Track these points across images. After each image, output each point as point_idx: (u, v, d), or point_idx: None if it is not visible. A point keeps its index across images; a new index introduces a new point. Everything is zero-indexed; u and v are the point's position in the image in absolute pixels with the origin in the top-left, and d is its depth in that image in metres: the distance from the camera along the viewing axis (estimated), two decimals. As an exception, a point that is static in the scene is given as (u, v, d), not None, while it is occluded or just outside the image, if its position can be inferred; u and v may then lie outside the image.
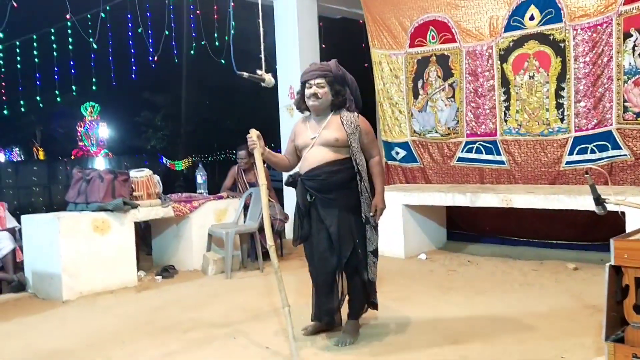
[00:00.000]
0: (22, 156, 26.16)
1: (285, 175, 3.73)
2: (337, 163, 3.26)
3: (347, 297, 3.48)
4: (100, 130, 26.30)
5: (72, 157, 23.83)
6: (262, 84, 3.25)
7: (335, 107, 3.31)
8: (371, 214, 3.30)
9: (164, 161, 23.84)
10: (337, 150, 3.27)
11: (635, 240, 2.49)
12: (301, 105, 3.40)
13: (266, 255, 5.78)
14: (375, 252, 3.36)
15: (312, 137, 3.30)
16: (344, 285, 3.45)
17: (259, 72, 3.23)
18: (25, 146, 26.01)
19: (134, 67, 8.03)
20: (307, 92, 3.28)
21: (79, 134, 25.92)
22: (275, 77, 3.53)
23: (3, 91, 9.78)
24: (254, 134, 3.20)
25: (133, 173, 5.22)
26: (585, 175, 2.60)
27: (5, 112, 9.79)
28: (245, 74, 3.20)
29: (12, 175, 18.03)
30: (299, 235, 3.40)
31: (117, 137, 27.37)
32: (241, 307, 4.25)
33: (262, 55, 3.27)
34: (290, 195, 6.33)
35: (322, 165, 3.26)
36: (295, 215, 3.45)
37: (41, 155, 24.82)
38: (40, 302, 4.69)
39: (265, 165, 3.46)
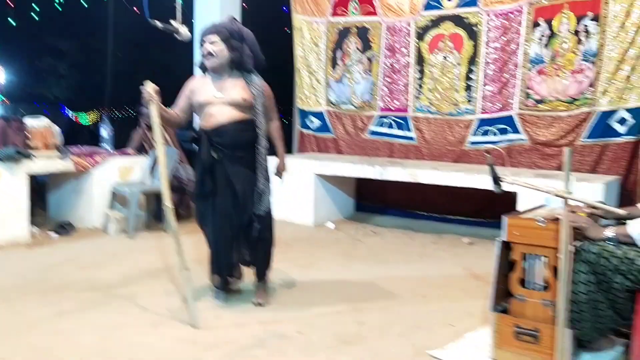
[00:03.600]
0: None
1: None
2: (244, 122, 3.27)
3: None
4: (-5, 74, 24.18)
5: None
6: (177, 37, 3.10)
7: (234, 65, 3.27)
8: (276, 175, 3.43)
9: (68, 113, 22.40)
10: (243, 111, 3.27)
11: (525, 219, 2.67)
12: (203, 65, 3.34)
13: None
14: (263, 217, 3.33)
15: (216, 95, 3.25)
16: (244, 243, 3.42)
17: (173, 23, 3.08)
18: None
19: (36, 8, 7.38)
20: (203, 50, 3.24)
21: (-30, 76, 23.67)
22: (192, 33, 3.38)
23: None
24: (150, 87, 3.07)
25: (29, 120, 4.85)
26: (486, 155, 2.74)
27: None
28: (159, 24, 3.04)
29: None
30: (201, 191, 3.34)
31: (14, 83, 25.29)
32: (142, 269, 4.14)
33: (177, 5, 3.10)
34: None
35: (231, 122, 3.24)
36: (197, 171, 3.38)
37: None
38: None
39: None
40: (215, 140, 3.25)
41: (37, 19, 7.93)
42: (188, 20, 3.48)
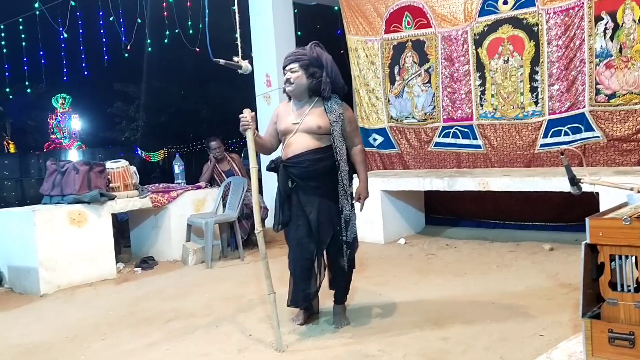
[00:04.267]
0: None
1: (267, 160, 3.69)
2: (320, 151, 3.26)
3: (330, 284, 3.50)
4: (72, 123, 25.80)
5: (45, 150, 23.35)
6: (239, 71, 3.21)
7: (313, 92, 3.29)
8: (354, 201, 3.34)
9: (139, 153, 23.50)
10: (320, 138, 3.26)
11: (609, 219, 2.55)
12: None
13: (246, 244, 5.80)
14: (350, 243, 3.34)
15: (294, 123, 3.29)
16: (322, 272, 3.46)
17: (235, 59, 3.20)
18: (-4, 140, 25.39)
19: (106, 57, 7.87)
20: (284, 77, 3.29)
21: (50, 126, 25.39)
22: (251, 65, 3.49)
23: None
24: (248, 114, 3.13)
25: (109, 164, 5.15)
26: (561, 156, 2.64)
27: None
28: (222, 61, 3.16)
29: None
30: (280, 220, 3.39)
31: (90, 129, 26.90)
32: (223, 296, 4.24)
33: (238, 42, 3.23)
34: (269, 183, 6.31)
35: (306, 152, 3.25)
36: (276, 200, 3.44)
37: (12, 149, 24.26)
38: (17, 296, 4.63)
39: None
40: (290, 171, 3.29)
41: (105, 66, 8.41)
42: (247, 55, 3.61)
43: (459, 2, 5.86)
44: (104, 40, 7.86)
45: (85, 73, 7.97)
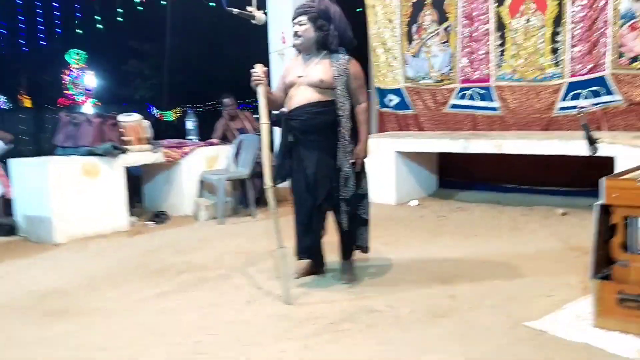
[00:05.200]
0: (8, 104, 25.71)
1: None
2: (321, 105, 3.22)
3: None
4: (86, 79, 25.79)
5: (59, 106, 23.44)
6: (253, 21, 3.15)
7: (320, 45, 3.24)
8: (352, 161, 3.26)
9: (153, 111, 23.50)
10: (322, 92, 3.22)
11: (625, 180, 2.51)
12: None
13: (258, 202, 5.81)
14: (349, 200, 3.30)
15: (299, 76, 3.26)
16: (323, 226, 3.42)
17: (249, 8, 3.13)
18: (12, 94, 25.50)
19: (119, 10, 7.77)
20: (292, 31, 3.25)
21: (65, 82, 25.41)
22: (265, 22, 3.41)
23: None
24: (259, 69, 3.11)
25: (122, 117, 5.14)
26: (578, 115, 2.59)
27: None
28: (236, 10, 3.10)
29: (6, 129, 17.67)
30: (279, 173, 3.39)
31: (104, 86, 26.88)
32: (234, 251, 4.28)
33: (252, -10, 3.16)
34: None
35: (306, 105, 3.22)
36: (277, 153, 3.43)
37: (27, 103, 24.40)
38: (32, 245, 4.71)
39: None
40: (290, 124, 3.27)
41: (121, 21, 8.32)
42: (262, 6, 3.52)
43: (481, -42, 5.67)
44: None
45: (100, 27, 7.88)
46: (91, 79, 26.05)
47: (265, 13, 3.22)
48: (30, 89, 24.94)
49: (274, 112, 3.42)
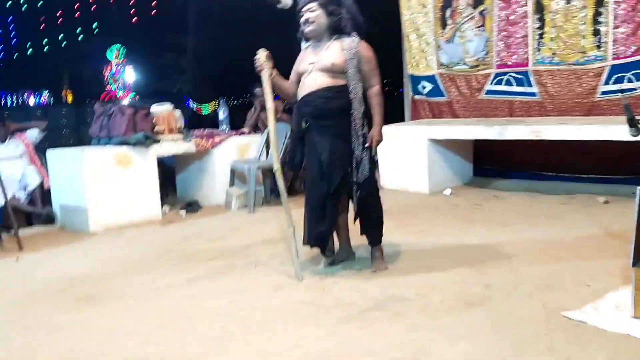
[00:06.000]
0: (51, 99, 26.47)
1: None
2: (334, 89, 3.16)
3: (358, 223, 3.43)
4: (126, 74, 26.30)
5: (100, 100, 23.97)
6: (279, 6, 3.11)
7: (333, 30, 3.20)
8: (367, 145, 3.20)
9: (191, 105, 23.80)
10: (335, 76, 3.16)
11: (671, 161, 2.36)
12: (303, 35, 3.32)
13: (289, 192, 5.78)
14: (361, 184, 3.24)
15: (310, 63, 3.22)
16: (336, 212, 3.35)
17: (274, -8, 3.09)
18: (54, 90, 26.24)
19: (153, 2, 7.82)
20: (302, 19, 3.21)
21: (105, 77, 25.97)
22: (293, 7, 3.37)
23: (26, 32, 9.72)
24: (262, 55, 3.13)
25: (154, 107, 5.19)
26: (620, 95, 2.44)
27: (29, 52, 9.74)
28: (261, -6, 3.06)
29: (41, 118, 18.23)
30: (292, 161, 3.39)
31: (143, 81, 27.35)
32: (263, 239, 4.27)
33: (278, -26, 3.11)
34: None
35: (318, 90, 3.17)
36: (289, 141, 3.41)
37: (69, 99, 25.07)
38: (68, 234, 4.81)
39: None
40: (302, 110, 3.24)
41: (157, 16, 8.37)
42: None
43: (518, -63, 5.46)
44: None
45: (135, 19, 7.95)
46: (130, 74, 26.55)
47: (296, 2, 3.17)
48: (72, 85, 25.60)
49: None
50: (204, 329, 2.66)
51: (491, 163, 6.06)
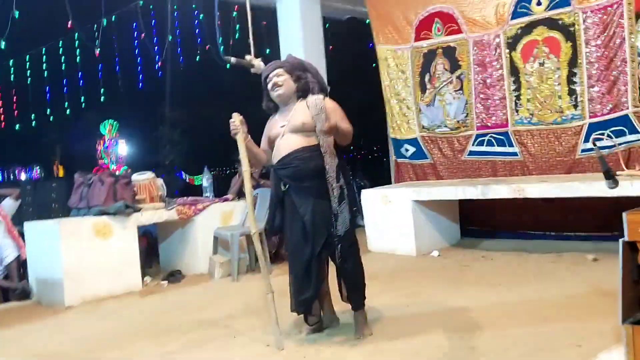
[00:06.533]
0: (42, 174, 26.51)
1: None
2: (309, 149, 3.15)
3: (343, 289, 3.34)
4: (119, 148, 26.53)
5: (94, 173, 23.95)
6: (252, 70, 3.14)
7: (301, 94, 3.25)
8: (324, 127, 3.09)
9: (184, 176, 23.88)
10: (308, 136, 3.16)
11: (649, 213, 2.31)
12: (269, 104, 3.36)
13: (275, 258, 5.67)
14: (342, 237, 3.16)
15: (281, 126, 3.23)
16: (321, 276, 3.27)
17: (247, 57, 3.13)
18: (46, 164, 26.35)
19: (140, 76, 8.02)
20: (269, 85, 3.25)
21: (98, 152, 26.15)
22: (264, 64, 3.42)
23: (15, 106, 9.88)
24: (237, 119, 3.15)
25: (135, 176, 5.16)
26: (593, 147, 2.43)
27: (16, 127, 9.85)
28: (233, 59, 3.11)
29: (31, 192, 18.17)
30: (272, 226, 3.33)
31: (136, 154, 27.56)
32: (246, 309, 4.12)
33: (251, 40, 3.17)
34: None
35: (294, 152, 3.16)
36: (269, 205, 3.35)
37: (61, 173, 25.11)
38: (43, 308, 4.64)
39: None
40: (280, 173, 3.21)
41: (145, 90, 8.58)
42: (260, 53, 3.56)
43: (490, 5, 5.67)
44: (139, 60, 8.00)
45: (121, 90, 8.11)
46: (123, 148, 26.79)
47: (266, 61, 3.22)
48: (64, 159, 25.73)
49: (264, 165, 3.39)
50: (174, 406, 2.49)
51: (478, 223, 6.01)
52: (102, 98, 8.26)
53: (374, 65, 7.20)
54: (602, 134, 4.89)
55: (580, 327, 2.98)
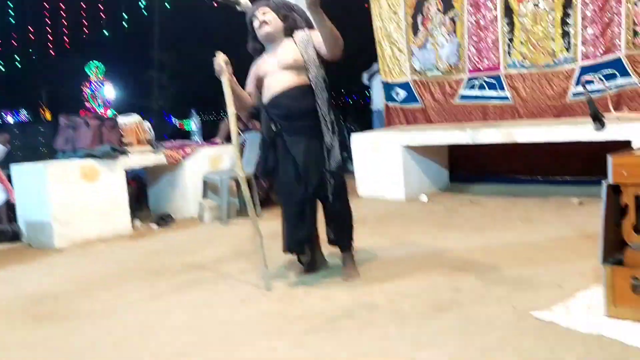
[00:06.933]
0: (29, 118, 26.13)
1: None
2: (301, 89, 3.09)
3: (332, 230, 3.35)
4: (106, 91, 26.07)
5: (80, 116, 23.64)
6: (238, 8, 3.04)
7: (289, 31, 3.18)
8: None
9: (173, 120, 23.62)
10: (299, 74, 3.10)
11: (634, 156, 2.32)
12: (255, 45, 3.28)
13: (265, 202, 5.69)
14: (334, 172, 3.14)
15: (271, 64, 3.16)
16: (315, 215, 3.29)
17: (232, -5, 3.02)
18: (33, 108, 25.93)
19: (125, 16, 7.75)
20: (256, 24, 3.16)
21: (85, 94, 25.70)
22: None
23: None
24: (220, 58, 3.07)
25: (121, 119, 5.08)
26: (583, 89, 2.40)
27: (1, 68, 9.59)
28: (219, -1, 2.99)
29: (19, 136, 17.97)
30: (264, 167, 3.28)
31: (123, 98, 27.10)
32: (235, 251, 4.17)
33: (235, -24, 3.04)
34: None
35: (286, 90, 3.09)
36: (260, 147, 3.31)
37: (48, 116, 24.76)
38: (33, 250, 4.67)
39: None
40: (271, 112, 3.15)
41: (131, 30, 8.29)
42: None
43: (485, -58, 5.48)
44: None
45: (104, 31, 7.85)
46: (110, 91, 26.33)
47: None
48: (50, 102, 25.30)
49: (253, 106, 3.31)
50: (163, 344, 2.54)
51: (467, 168, 6.03)
52: (86, 37, 7.98)
53: (366, 5, 7.01)
54: (594, 77, 4.85)
55: (562, 268, 3.04)
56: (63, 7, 7.99)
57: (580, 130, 4.30)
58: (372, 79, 7.78)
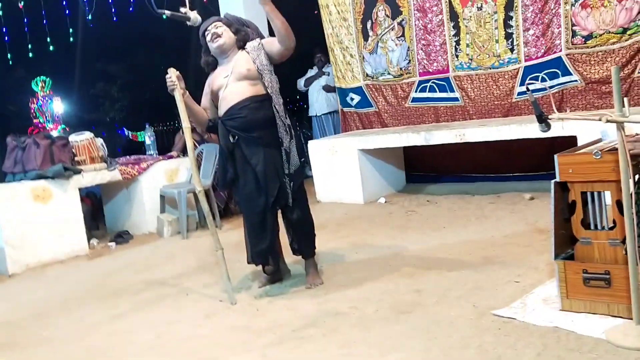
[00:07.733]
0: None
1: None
2: (257, 99, 3.13)
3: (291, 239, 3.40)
4: (54, 105, 25.30)
5: (29, 135, 22.87)
6: (188, 23, 3.03)
7: (241, 44, 3.23)
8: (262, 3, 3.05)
9: (126, 132, 23.12)
10: (254, 84, 3.14)
11: (579, 154, 2.42)
12: (207, 59, 3.30)
13: (224, 213, 5.66)
14: (293, 175, 3.19)
15: (225, 76, 3.17)
16: (276, 226, 3.33)
17: (182, 9, 3.01)
18: (-24, 127, 24.90)
19: (70, 29, 7.58)
20: (209, 37, 3.19)
21: (32, 110, 24.87)
22: (202, 23, 3.30)
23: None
24: (173, 74, 3.07)
25: (72, 137, 4.96)
26: (527, 93, 2.49)
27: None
28: (168, 12, 2.97)
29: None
30: (224, 179, 3.30)
31: (73, 111, 26.37)
32: (196, 265, 4.13)
33: (184, -10, 3.03)
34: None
35: (241, 101, 3.12)
36: (219, 159, 3.34)
37: (-7, 135, 23.83)
38: (-15, 278, 4.49)
39: None
40: (228, 125, 3.16)
41: (78, 42, 8.11)
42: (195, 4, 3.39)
43: (429, -52, 5.61)
44: (67, 12, 7.53)
45: (50, 47, 7.66)
46: (59, 105, 25.56)
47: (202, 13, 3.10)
48: (-5, 120, 24.34)
49: (209, 118, 3.33)
50: (128, 366, 2.51)
51: (423, 169, 6.15)
52: (31, 54, 7.76)
53: (316, 12, 7.06)
54: (536, 79, 5.04)
55: (518, 264, 3.15)
56: (3, 21, 7.70)
57: (529, 129, 4.46)
58: (308, 84, 7.85)
